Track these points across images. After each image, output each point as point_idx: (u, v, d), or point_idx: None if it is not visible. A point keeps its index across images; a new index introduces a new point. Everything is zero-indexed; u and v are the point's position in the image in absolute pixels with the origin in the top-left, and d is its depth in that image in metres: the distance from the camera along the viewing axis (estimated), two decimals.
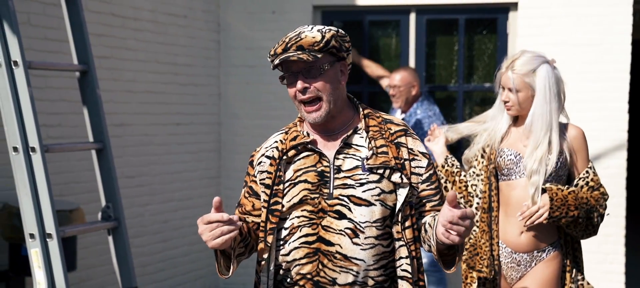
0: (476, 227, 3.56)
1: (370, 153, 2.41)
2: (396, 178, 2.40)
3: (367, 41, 6.53)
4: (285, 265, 2.45)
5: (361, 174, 2.40)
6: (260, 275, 2.47)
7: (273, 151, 2.48)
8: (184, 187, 6.19)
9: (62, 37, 4.67)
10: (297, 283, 2.44)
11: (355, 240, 2.39)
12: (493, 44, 6.37)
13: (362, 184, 2.40)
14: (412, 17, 6.36)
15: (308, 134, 2.48)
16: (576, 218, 3.39)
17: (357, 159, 2.42)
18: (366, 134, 2.45)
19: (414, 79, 5.69)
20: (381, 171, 2.40)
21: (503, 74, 3.52)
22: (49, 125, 4.91)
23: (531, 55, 3.48)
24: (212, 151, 6.57)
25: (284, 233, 2.44)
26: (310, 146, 2.45)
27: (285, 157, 2.44)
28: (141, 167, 5.78)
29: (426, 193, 2.47)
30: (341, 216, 2.39)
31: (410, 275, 2.40)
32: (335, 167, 2.42)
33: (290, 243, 2.43)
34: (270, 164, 2.46)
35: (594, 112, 5.88)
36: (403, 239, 2.40)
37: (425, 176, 2.46)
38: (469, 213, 2.21)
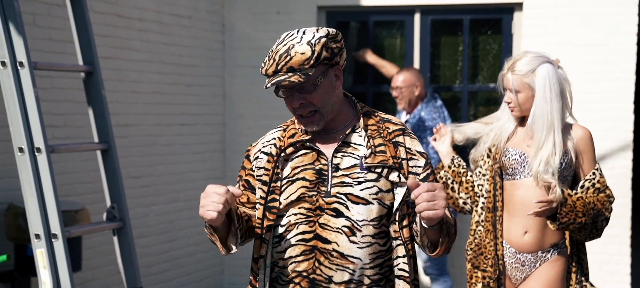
0: (481, 227, 3.56)
1: (369, 152, 2.41)
2: (394, 177, 2.40)
3: (372, 41, 6.53)
4: (281, 262, 2.45)
5: (359, 173, 2.40)
6: (257, 272, 2.47)
7: (271, 148, 2.48)
8: (188, 187, 6.20)
9: (67, 37, 4.68)
10: (292, 281, 2.44)
11: (352, 238, 2.39)
12: (498, 44, 6.36)
13: (360, 183, 2.40)
14: (417, 17, 6.36)
15: (306, 131, 2.48)
16: (583, 224, 3.38)
17: (355, 158, 2.42)
18: (364, 133, 2.44)
19: (416, 79, 5.65)
20: (379, 170, 2.40)
21: (504, 75, 3.52)
22: (54, 125, 4.92)
23: (532, 56, 3.47)
24: (216, 151, 6.57)
25: (281, 230, 2.44)
26: (309, 144, 2.45)
27: (283, 154, 2.44)
28: (146, 168, 5.79)
29: None
30: (338, 214, 2.39)
31: (407, 274, 2.40)
32: (333, 165, 2.42)
33: (286, 240, 2.43)
34: (268, 161, 2.46)
35: (599, 113, 5.86)
36: (400, 238, 2.40)
37: (422, 175, 2.46)
38: (435, 186, 2.22)
